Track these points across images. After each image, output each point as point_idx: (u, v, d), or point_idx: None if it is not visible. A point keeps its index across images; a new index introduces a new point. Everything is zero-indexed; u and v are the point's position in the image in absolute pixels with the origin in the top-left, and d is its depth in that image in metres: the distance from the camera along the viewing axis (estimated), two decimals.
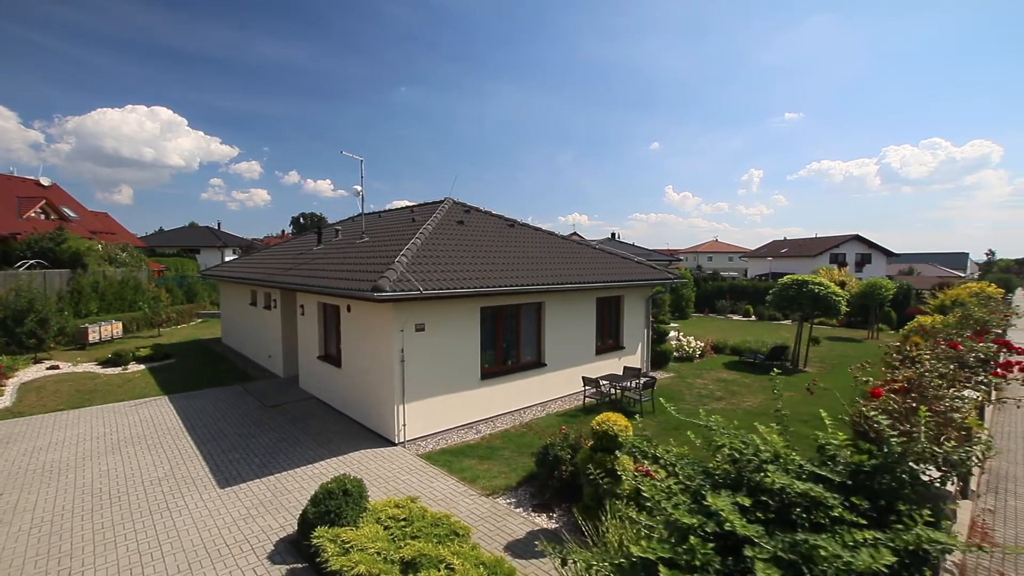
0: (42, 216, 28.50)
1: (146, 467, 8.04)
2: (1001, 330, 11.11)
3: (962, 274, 59.48)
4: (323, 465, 8.10)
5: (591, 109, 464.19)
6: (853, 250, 48.89)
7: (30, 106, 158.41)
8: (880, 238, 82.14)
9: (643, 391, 11.05)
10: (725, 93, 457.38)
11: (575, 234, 34.17)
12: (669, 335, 16.26)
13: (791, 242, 57.55)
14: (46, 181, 31.18)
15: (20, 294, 15.79)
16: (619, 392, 11.57)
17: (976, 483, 7.06)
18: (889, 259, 50.43)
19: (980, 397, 4.78)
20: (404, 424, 9.03)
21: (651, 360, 14.89)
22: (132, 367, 14.70)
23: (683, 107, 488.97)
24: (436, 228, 11.87)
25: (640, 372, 12.38)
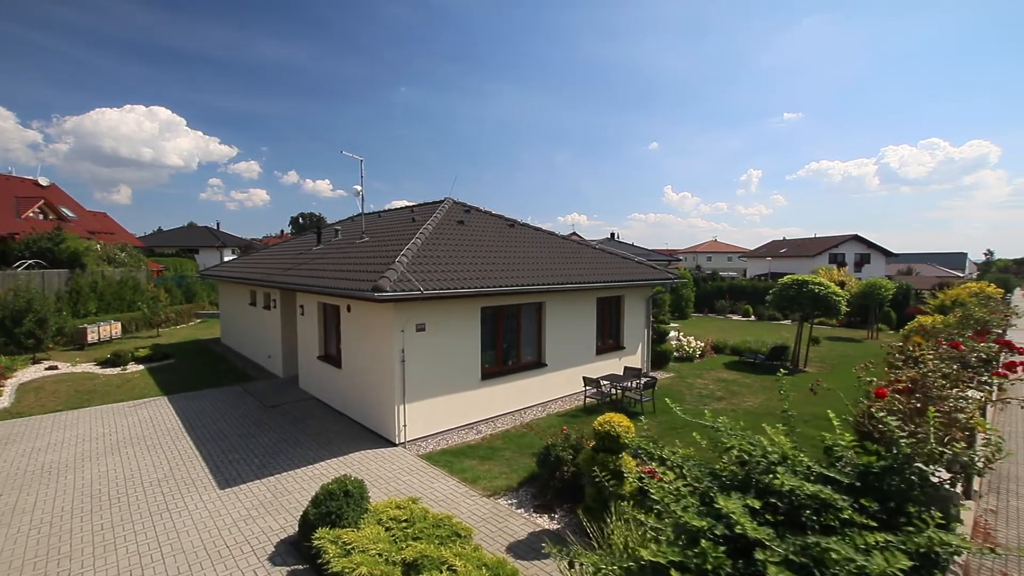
0: (40, 216, 28.44)
1: (146, 468, 8.01)
2: (1001, 330, 11.11)
3: (961, 274, 59.55)
4: (323, 466, 8.07)
5: (590, 109, 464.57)
6: (852, 250, 48.97)
7: (29, 106, 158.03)
8: (879, 238, 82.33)
9: (644, 391, 11.03)
10: (724, 93, 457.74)
11: (574, 234, 34.14)
12: (669, 335, 16.26)
13: (790, 242, 57.60)
14: (44, 181, 31.09)
15: (18, 294, 15.74)
16: (620, 392, 11.55)
17: (978, 483, 7.05)
18: (888, 259, 50.51)
19: (983, 397, 4.77)
20: (404, 424, 9.01)
21: (651, 360, 14.88)
22: (131, 367, 14.66)
23: (681, 107, 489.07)
24: (436, 228, 11.84)
25: (641, 372, 12.37)
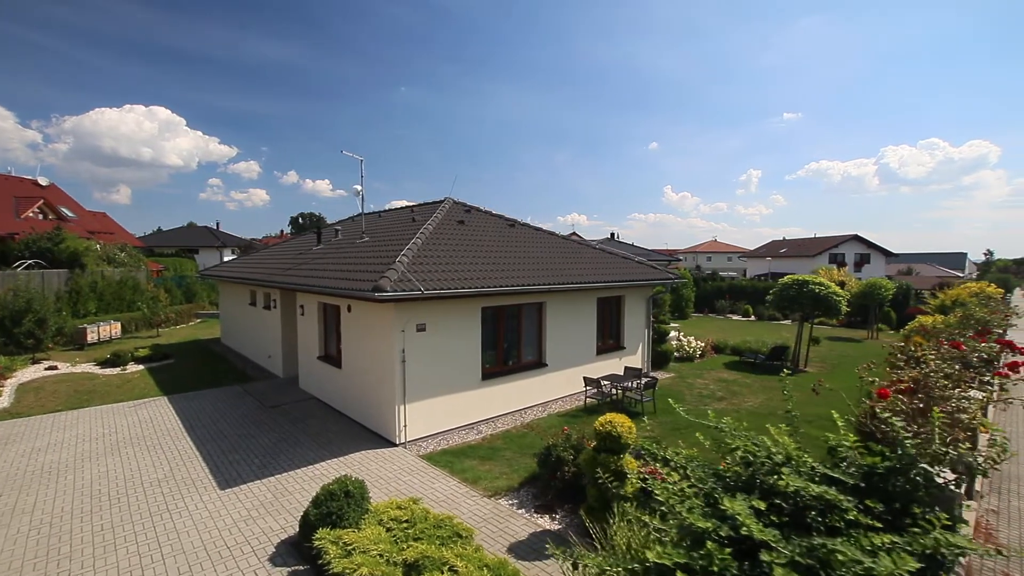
0: (40, 216, 28.41)
1: (146, 468, 7.99)
2: (1002, 330, 11.11)
3: (960, 274, 59.59)
4: (324, 466, 8.06)
5: (589, 109, 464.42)
6: (852, 250, 48.99)
7: (28, 106, 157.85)
8: (879, 238, 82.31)
9: (644, 391, 11.02)
10: (723, 93, 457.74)
11: (574, 234, 34.11)
12: (669, 335, 16.25)
13: (790, 242, 57.62)
14: (44, 181, 31.05)
15: (18, 294, 15.72)
16: (620, 392, 11.54)
17: (979, 484, 7.04)
18: (888, 259, 50.52)
19: (985, 397, 4.77)
20: (405, 425, 9.00)
21: (652, 360, 14.86)
22: (131, 367, 14.64)
23: (681, 107, 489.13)
24: (437, 228, 11.83)
25: (641, 372, 12.36)
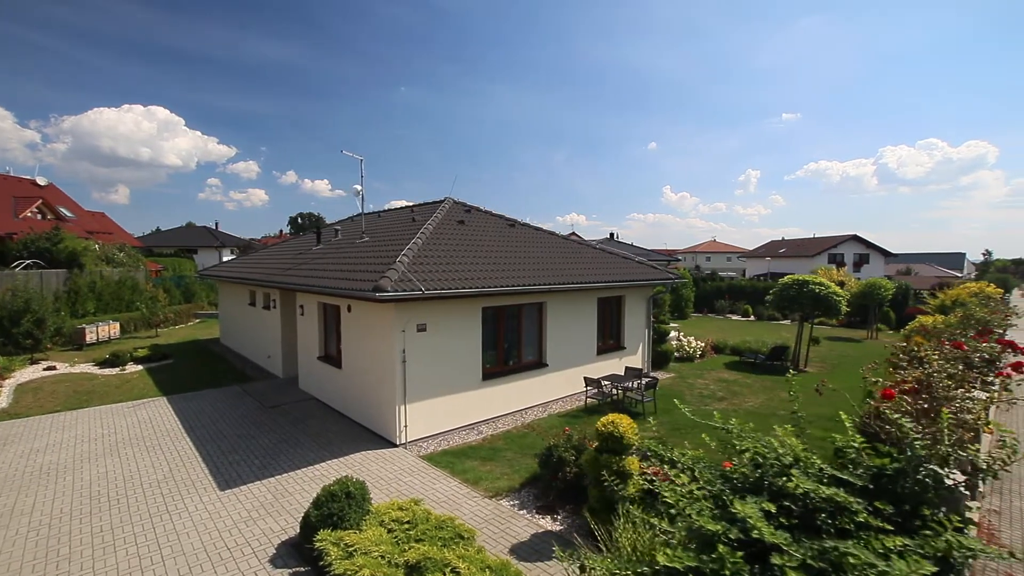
0: (38, 216, 28.34)
1: (145, 469, 7.96)
2: (1002, 330, 11.10)
3: (959, 274, 59.65)
4: (324, 467, 8.03)
5: (588, 109, 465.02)
6: (851, 250, 49.04)
7: (27, 105, 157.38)
8: (878, 238, 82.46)
9: (645, 392, 11.00)
10: (722, 93, 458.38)
11: (573, 234, 34.08)
12: (669, 335, 16.24)
13: (789, 242, 57.66)
14: (42, 181, 30.96)
15: (16, 294, 15.66)
16: (621, 393, 11.52)
17: (981, 484, 7.03)
18: (887, 259, 50.58)
19: (989, 398, 4.76)
20: (406, 425, 8.97)
21: (652, 360, 14.85)
22: (130, 368, 14.59)
23: (680, 107, 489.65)
24: (437, 228, 11.80)
25: (642, 372, 12.34)
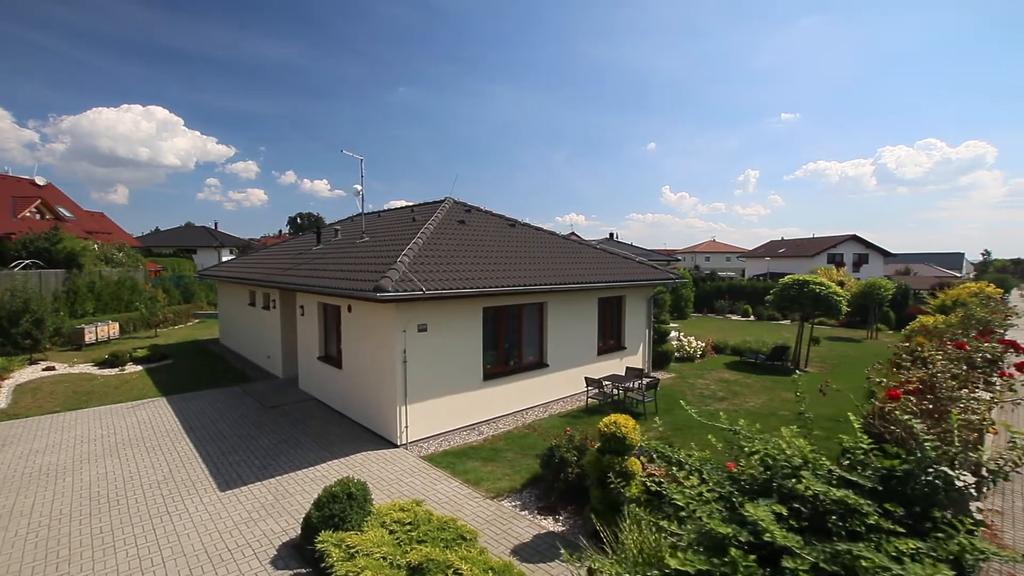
0: (37, 216, 28.28)
1: (145, 470, 7.93)
2: (1003, 330, 11.10)
3: (958, 274, 59.68)
4: (325, 467, 8.00)
5: (588, 109, 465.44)
6: (850, 250, 49.05)
7: (26, 105, 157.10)
8: (877, 238, 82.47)
9: (646, 392, 10.98)
10: (722, 93, 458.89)
11: (573, 234, 34.02)
12: (670, 335, 16.22)
13: (789, 242, 57.67)
14: (41, 181, 30.88)
15: (15, 294, 15.60)
16: (622, 393, 11.50)
17: (992, 485, 7.01)
18: (886, 259, 50.61)
19: (993, 398, 4.75)
20: (406, 426, 8.94)
21: (652, 360, 14.83)
22: (129, 368, 14.55)
23: (679, 107, 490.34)
24: (437, 228, 11.78)
25: (643, 373, 12.32)
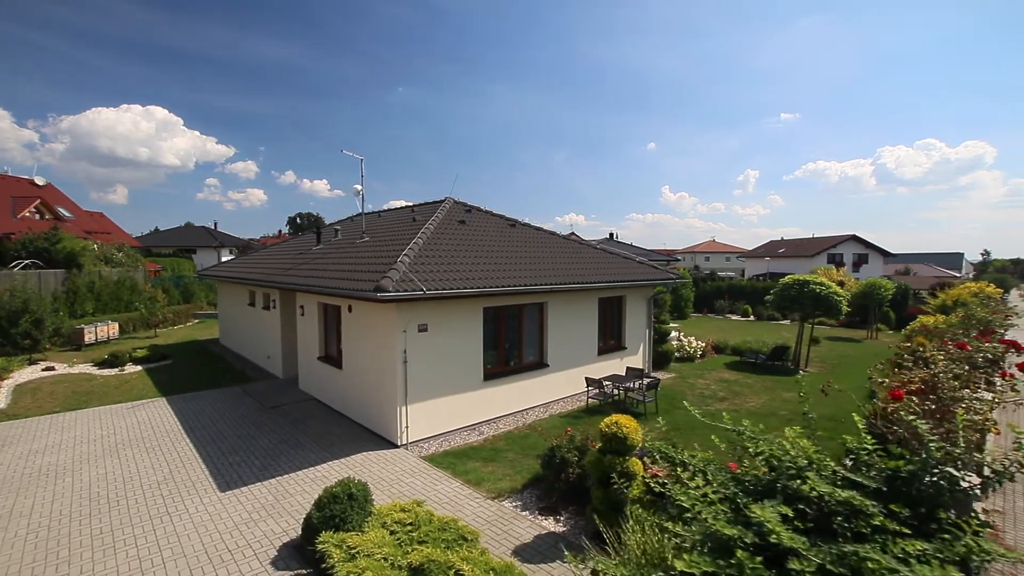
0: (37, 216, 28.25)
1: (145, 470, 7.91)
2: (1003, 330, 11.09)
3: (957, 274, 59.67)
4: (325, 468, 7.99)
5: (588, 109, 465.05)
6: (850, 250, 49.05)
7: (26, 105, 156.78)
8: (876, 238, 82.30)
9: (646, 392, 10.97)
10: (722, 93, 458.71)
11: (573, 234, 33.96)
12: (670, 335, 16.21)
13: (788, 242, 57.67)
14: (40, 180, 30.85)
15: (15, 294, 15.58)
16: (622, 393, 11.49)
17: (997, 486, 6.99)
18: (886, 259, 50.62)
19: (995, 398, 4.74)
20: (407, 426, 8.93)
21: (653, 360, 14.82)
22: (129, 368, 14.53)
23: (679, 107, 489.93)
24: (438, 228, 11.77)
25: (643, 373, 12.32)
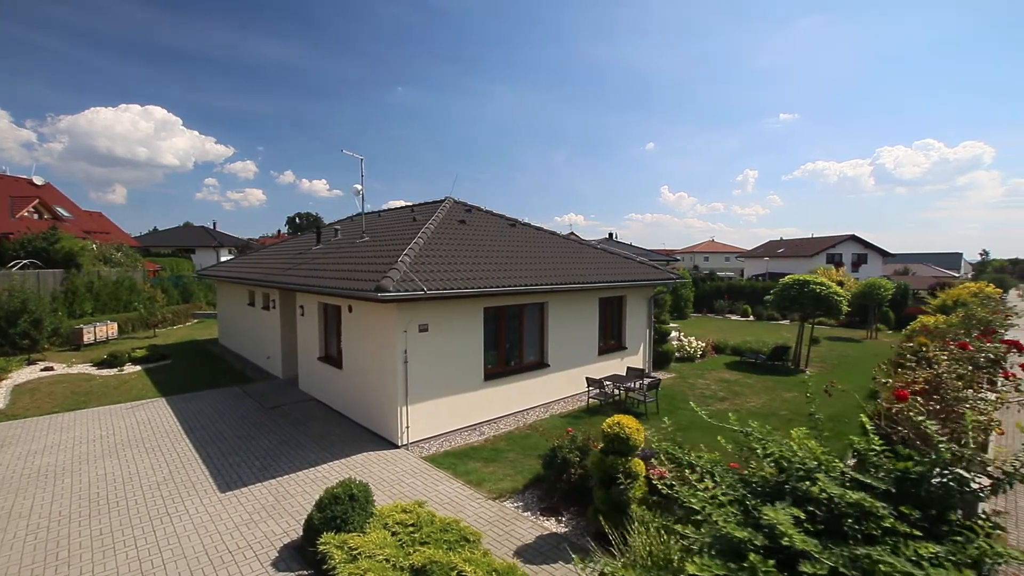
0: (35, 215, 28.19)
1: (145, 471, 7.88)
2: (1004, 330, 11.10)
3: (956, 274, 59.72)
4: (326, 468, 7.96)
5: (587, 109, 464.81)
6: (849, 250, 49.05)
7: (25, 105, 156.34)
8: (875, 238, 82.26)
9: (647, 392, 10.96)
10: (721, 93, 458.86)
11: (572, 234, 33.96)
12: (670, 335, 16.20)
13: (787, 242, 57.66)
14: (39, 180, 30.78)
15: (13, 294, 15.55)
16: (623, 393, 11.48)
17: (1008, 487, 6.98)
18: (885, 259, 50.65)
19: (999, 398, 4.73)
20: (407, 426, 8.91)
21: (653, 360, 14.81)
22: (128, 368, 14.49)
23: (678, 107, 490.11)
24: (438, 228, 11.74)
25: (644, 373, 12.30)
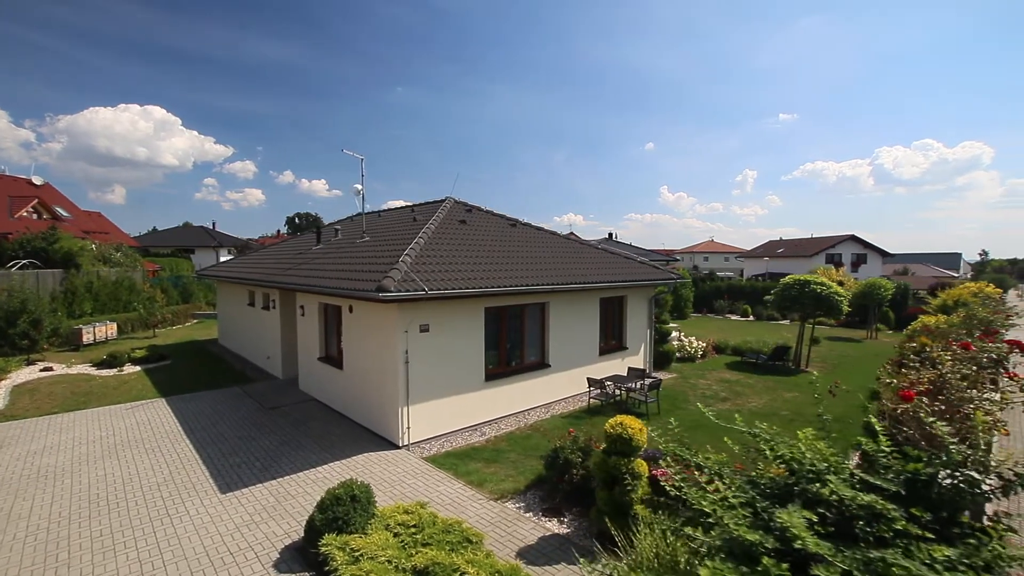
0: (34, 215, 28.15)
1: (145, 471, 7.85)
2: (1005, 330, 11.09)
3: (955, 274, 59.75)
4: (327, 469, 7.94)
5: (587, 109, 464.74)
6: (849, 250, 49.06)
7: (24, 105, 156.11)
8: (875, 238, 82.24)
9: (648, 392, 10.94)
10: (721, 93, 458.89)
11: (572, 234, 33.93)
12: (671, 335, 16.18)
13: (787, 242, 57.67)
14: (38, 180, 30.75)
15: (12, 294, 15.51)
16: (624, 393, 11.46)
17: (1020, 489, 6.97)
18: (884, 259, 50.67)
19: (1003, 398, 4.72)
20: (408, 427, 8.88)
21: (654, 360, 14.79)
22: (128, 369, 14.45)
23: (678, 107, 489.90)
24: (439, 228, 11.72)
25: (645, 373, 12.29)
